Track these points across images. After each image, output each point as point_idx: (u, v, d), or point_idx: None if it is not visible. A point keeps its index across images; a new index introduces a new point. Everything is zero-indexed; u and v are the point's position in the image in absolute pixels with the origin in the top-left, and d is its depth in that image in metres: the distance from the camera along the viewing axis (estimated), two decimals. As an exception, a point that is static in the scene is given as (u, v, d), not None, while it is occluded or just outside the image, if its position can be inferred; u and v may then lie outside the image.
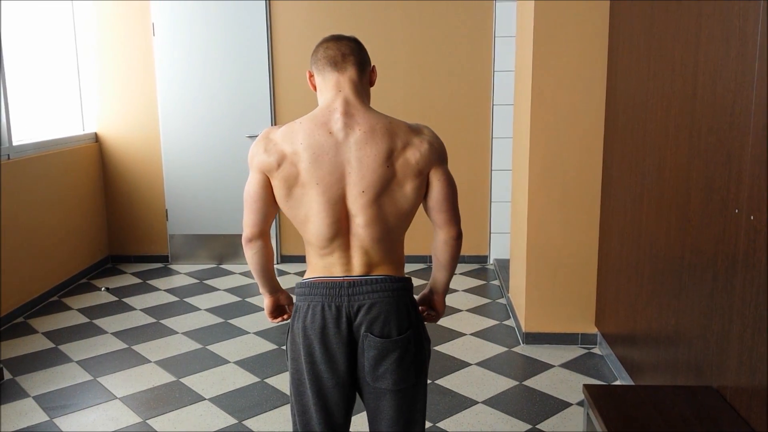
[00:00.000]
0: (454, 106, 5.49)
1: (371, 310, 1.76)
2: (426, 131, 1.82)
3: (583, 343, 3.91)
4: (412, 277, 5.28)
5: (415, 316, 1.85)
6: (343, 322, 1.76)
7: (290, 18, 5.45)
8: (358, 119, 1.75)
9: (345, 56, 1.81)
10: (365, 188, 1.73)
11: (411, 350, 1.80)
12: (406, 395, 1.83)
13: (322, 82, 1.83)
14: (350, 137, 1.73)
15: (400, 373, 1.79)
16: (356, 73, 1.81)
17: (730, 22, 2.15)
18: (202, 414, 3.21)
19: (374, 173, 1.72)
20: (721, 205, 2.20)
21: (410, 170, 1.75)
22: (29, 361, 3.85)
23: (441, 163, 1.82)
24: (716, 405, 2.14)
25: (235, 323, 4.40)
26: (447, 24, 5.39)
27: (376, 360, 1.77)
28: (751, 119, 2.00)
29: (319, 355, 1.77)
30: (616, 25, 3.47)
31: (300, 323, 1.80)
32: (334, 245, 1.77)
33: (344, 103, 1.77)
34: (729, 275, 2.14)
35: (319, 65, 1.83)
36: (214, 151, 5.65)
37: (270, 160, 1.74)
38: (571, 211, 3.79)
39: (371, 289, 1.77)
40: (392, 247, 1.83)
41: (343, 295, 1.76)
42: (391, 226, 1.79)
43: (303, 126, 1.76)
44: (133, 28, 5.55)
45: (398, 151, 1.74)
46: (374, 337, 1.76)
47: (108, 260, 5.88)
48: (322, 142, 1.72)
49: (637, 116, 3.11)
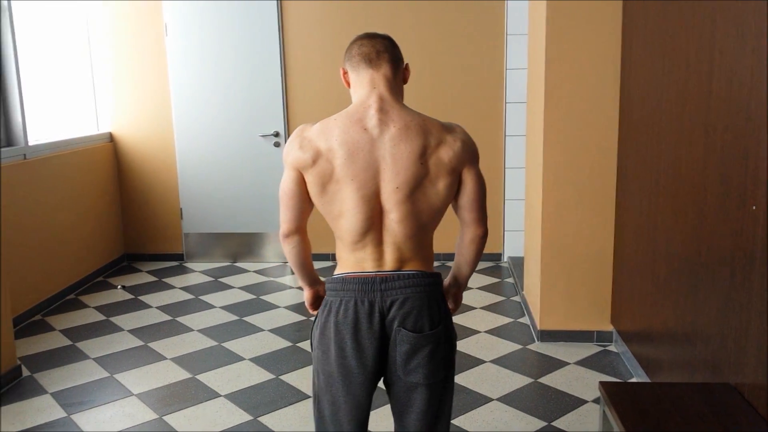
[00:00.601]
0: (466, 104, 5.48)
1: (404, 305, 1.78)
2: (459, 130, 1.84)
3: (598, 341, 3.90)
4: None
5: (445, 310, 1.88)
6: (375, 317, 1.78)
7: (302, 17, 5.46)
8: (392, 116, 1.77)
9: (379, 53, 1.83)
10: (399, 184, 1.74)
11: (442, 344, 1.83)
12: (435, 389, 1.85)
13: (357, 79, 1.85)
14: (385, 134, 1.75)
15: (432, 367, 1.81)
16: (390, 70, 1.84)
17: (745, 17, 2.13)
18: (217, 410, 3.23)
19: (408, 170, 1.74)
20: (738, 201, 2.19)
21: (443, 168, 1.77)
22: (47, 358, 3.89)
23: (473, 162, 1.84)
24: (734, 402, 2.13)
25: (250, 320, 4.42)
26: (459, 22, 5.38)
27: (408, 354, 1.79)
28: (765, 115, 1.99)
29: (351, 349, 1.79)
30: (630, 22, 3.45)
31: (333, 318, 1.81)
32: (366, 240, 1.79)
33: (379, 99, 1.79)
34: (747, 272, 2.13)
35: (353, 62, 1.85)
36: (227, 150, 5.67)
37: (305, 156, 1.75)
38: (586, 208, 3.78)
39: (404, 284, 1.78)
40: (423, 243, 1.85)
41: (375, 290, 1.78)
42: (423, 222, 1.81)
43: (338, 122, 1.77)
44: (146, 28, 5.58)
45: (432, 148, 1.76)
46: (407, 332, 1.78)
47: (124, 258, 5.92)
48: (357, 138, 1.74)
49: (651, 113, 3.10)
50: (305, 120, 5.58)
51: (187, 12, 5.50)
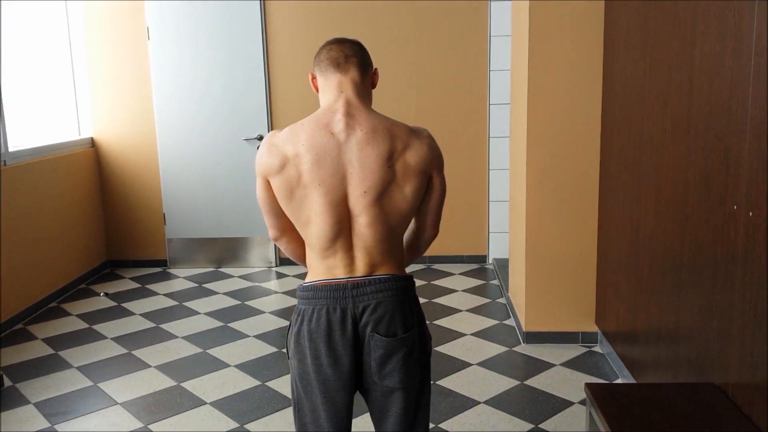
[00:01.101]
0: (450, 106, 5.49)
1: (377, 309, 1.77)
2: (425, 134, 1.84)
3: (583, 342, 3.91)
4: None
5: (418, 313, 1.87)
6: (348, 324, 1.77)
7: (285, 19, 5.44)
8: (359, 120, 1.76)
9: (348, 57, 1.83)
10: (367, 188, 1.74)
11: (416, 347, 1.83)
12: (411, 392, 1.85)
13: (325, 83, 1.85)
14: (352, 138, 1.74)
15: (406, 370, 1.81)
16: (358, 75, 1.83)
17: (726, 18, 2.15)
18: (203, 418, 3.20)
19: (375, 174, 1.73)
20: (719, 201, 2.20)
21: (410, 172, 1.77)
22: (29, 368, 3.84)
23: (439, 167, 1.85)
24: (718, 402, 2.14)
25: (235, 327, 4.39)
26: (442, 24, 5.39)
27: (382, 359, 1.79)
28: (748, 115, 2.00)
29: (326, 357, 1.78)
30: (612, 23, 3.47)
31: (306, 327, 1.80)
32: (336, 246, 1.78)
33: (346, 104, 1.79)
34: (729, 272, 2.14)
35: (321, 66, 1.85)
36: (210, 155, 5.64)
37: (273, 162, 1.75)
38: (570, 209, 3.79)
39: (375, 289, 1.78)
40: (394, 247, 1.84)
41: (347, 297, 1.77)
42: (392, 226, 1.80)
43: (305, 127, 1.76)
44: (128, 31, 5.54)
45: (398, 152, 1.76)
46: (381, 337, 1.77)
47: (106, 265, 5.87)
48: (324, 143, 1.73)
49: (633, 114, 3.12)
50: (289, 123, 5.56)
51: (170, 15, 5.47)
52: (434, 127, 5.43)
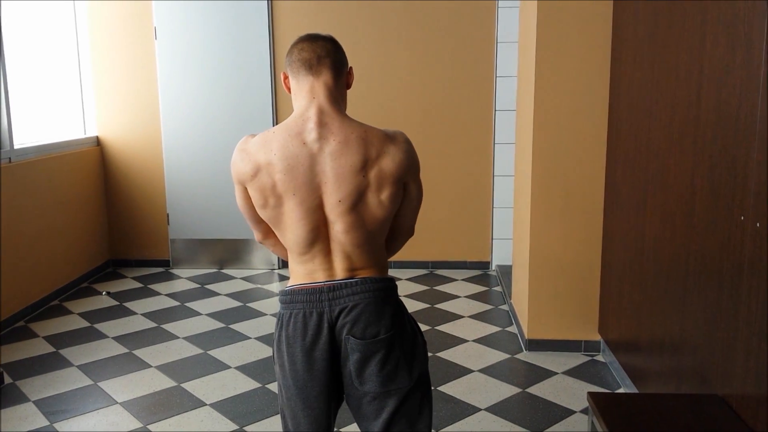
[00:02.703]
0: (456, 111, 5.48)
1: (352, 311, 1.72)
2: (401, 139, 1.77)
3: (586, 351, 3.89)
4: (411, 281, 5.27)
5: (400, 316, 1.80)
6: (324, 328, 1.73)
7: (292, 21, 5.44)
8: (332, 129, 1.71)
9: (320, 59, 1.76)
10: (342, 198, 1.70)
11: (396, 351, 1.75)
12: (395, 398, 1.76)
13: (297, 86, 1.78)
14: (325, 148, 1.69)
15: (387, 374, 1.73)
16: (331, 78, 1.77)
17: (735, 28, 2.14)
18: (203, 419, 3.19)
19: (350, 183, 1.69)
20: (726, 211, 2.19)
21: (386, 179, 1.72)
22: (30, 366, 3.83)
23: (415, 173, 1.80)
24: (722, 414, 2.12)
25: (236, 328, 4.38)
26: (449, 28, 5.38)
27: (360, 363, 1.73)
28: (756, 126, 1.99)
29: (301, 363, 1.74)
30: (620, 31, 3.46)
31: (284, 332, 1.77)
32: (314, 251, 1.75)
33: (318, 112, 1.72)
34: (734, 283, 2.12)
35: (293, 68, 1.78)
36: (215, 155, 5.64)
37: (245, 169, 1.72)
38: (574, 217, 3.78)
39: (352, 291, 1.73)
40: (373, 251, 1.79)
41: (323, 300, 1.73)
42: (369, 231, 1.76)
43: (277, 136, 1.71)
44: (135, 31, 5.55)
45: (372, 160, 1.70)
46: (356, 339, 1.72)
47: (109, 264, 5.87)
48: (297, 152, 1.69)
49: (640, 122, 3.11)
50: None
51: (177, 15, 5.47)
52: (439, 132, 5.47)
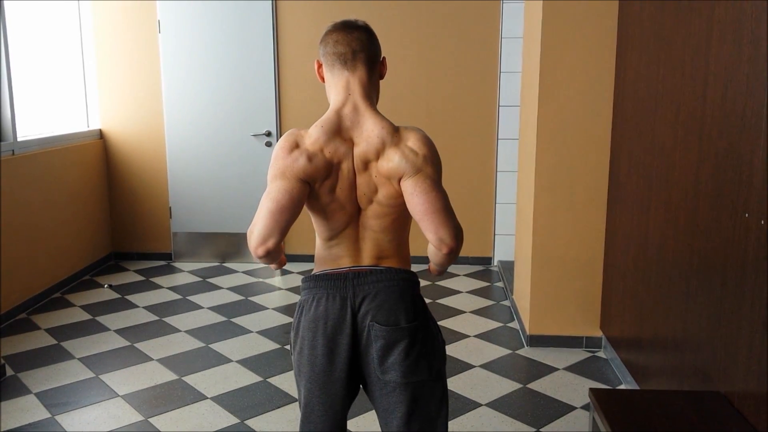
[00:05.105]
0: (460, 107, 5.47)
1: (376, 297, 1.75)
2: (420, 135, 1.78)
3: (587, 347, 3.89)
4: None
5: (424, 311, 1.83)
6: (347, 313, 1.75)
7: (296, 16, 5.43)
8: (365, 126, 1.75)
9: (355, 53, 1.79)
10: (371, 191, 1.75)
11: (419, 342, 1.78)
12: (417, 390, 1.78)
13: (331, 79, 1.82)
14: (360, 144, 1.74)
15: (410, 364, 1.75)
16: (366, 73, 1.80)
17: (742, 24, 2.13)
18: (204, 413, 3.20)
19: (379, 176, 1.74)
20: (730, 209, 2.18)
21: (407, 173, 1.72)
22: (31, 358, 3.84)
23: (432, 166, 1.76)
24: (724, 411, 2.12)
25: (238, 322, 4.38)
26: (454, 24, 5.37)
27: (383, 350, 1.75)
28: (763, 123, 1.98)
29: (322, 347, 1.76)
30: (625, 27, 3.45)
31: (305, 316, 1.79)
32: (343, 235, 1.79)
33: (353, 109, 1.77)
34: (738, 280, 2.12)
35: (328, 60, 1.81)
36: (218, 149, 5.64)
37: (316, 165, 1.71)
38: (578, 213, 3.77)
39: (377, 279, 1.76)
40: (399, 243, 1.84)
41: (348, 286, 1.76)
42: (398, 224, 1.81)
43: (324, 131, 1.74)
44: (139, 24, 5.54)
45: (400, 155, 1.72)
46: (380, 326, 1.74)
47: (111, 257, 5.87)
48: (338, 146, 1.73)
49: (645, 119, 3.09)
50: (298, 119, 5.58)
51: (181, 9, 5.46)
52: (443, 128, 5.46)
